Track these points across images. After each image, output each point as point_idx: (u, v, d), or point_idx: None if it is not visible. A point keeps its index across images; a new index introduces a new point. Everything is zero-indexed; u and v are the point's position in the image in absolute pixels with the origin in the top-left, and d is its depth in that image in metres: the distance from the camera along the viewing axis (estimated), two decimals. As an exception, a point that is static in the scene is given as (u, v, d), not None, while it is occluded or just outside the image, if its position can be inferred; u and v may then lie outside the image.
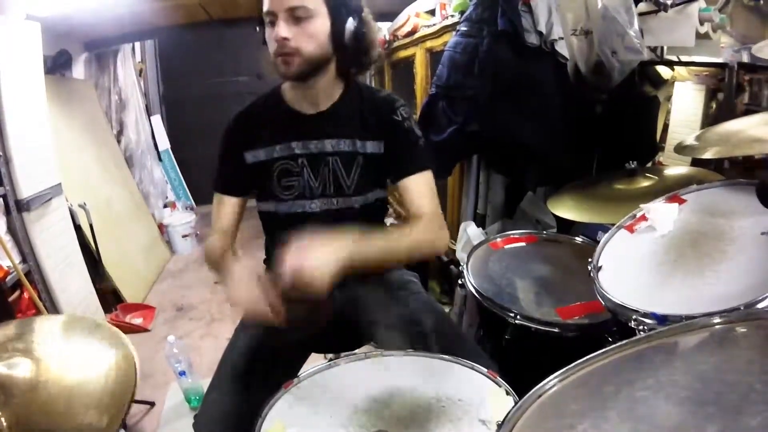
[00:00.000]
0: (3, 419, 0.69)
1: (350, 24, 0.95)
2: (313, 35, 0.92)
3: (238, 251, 1.07)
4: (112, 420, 0.73)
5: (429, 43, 2.25)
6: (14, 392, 0.75)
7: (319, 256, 0.77)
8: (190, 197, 4.43)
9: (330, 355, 1.21)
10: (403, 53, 2.67)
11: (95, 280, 2.42)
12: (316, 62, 0.95)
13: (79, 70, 3.24)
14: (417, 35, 2.38)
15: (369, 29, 1.00)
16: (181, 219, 3.81)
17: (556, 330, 1.08)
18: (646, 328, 0.76)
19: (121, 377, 0.80)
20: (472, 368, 0.85)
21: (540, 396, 0.56)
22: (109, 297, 2.65)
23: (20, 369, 0.79)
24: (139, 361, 0.84)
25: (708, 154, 1.04)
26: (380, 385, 0.83)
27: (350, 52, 0.98)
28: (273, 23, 0.92)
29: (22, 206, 1.87)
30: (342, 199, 1.06)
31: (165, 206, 4.01)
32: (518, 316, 1.10)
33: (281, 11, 0.90)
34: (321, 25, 0.93)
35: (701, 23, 1.40)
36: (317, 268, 0.76)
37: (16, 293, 1.84)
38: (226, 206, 1.09)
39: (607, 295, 0.87)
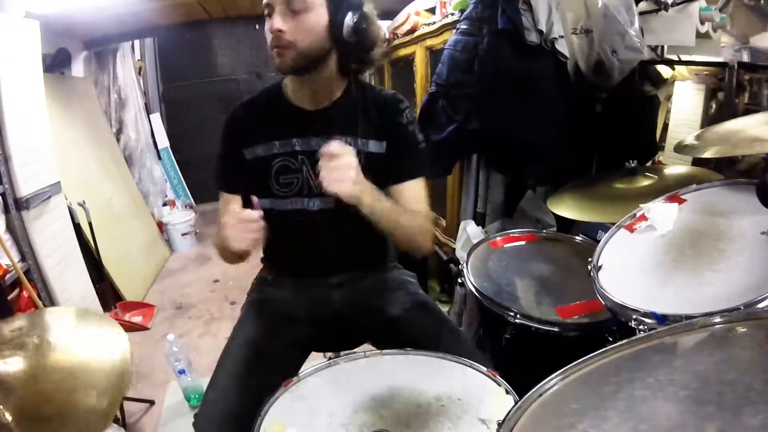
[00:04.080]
0: (8, 414, 0.70)
1: (349, 18, 0.92)
2: (310, 28, 0.91)
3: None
4: (112, 402, 0.76)
5: (429, 42, 2.25)
6: (15, 386, 0.76)
7: (354, 173, 0.88)
8: (190, 195, 4.42)
9: (330, 354, 1.21)
10: (403, 51, 2.66)
11: (94, 278, 2.42)
12: (312, 56, 0.93)
13: (78, 69, 3.24)
14: (417, 33, 2.37)
15: (371, 25, 0.97)
16: (180, 217, 3.80)
17: (556, 329, 1.07)
18: (646, 327, 0.76)
19: (117, 363, 0.82)
20: (472, 367, 0.85)
21: (540, 395, 0.56)
22: (109, 295, 2.65)
23: (20, 364, 0.81)
24: (132, 349, 0.87)
25: (708, 154, 1.04)
26: (380, 385, 0.83)
27: (351, 47, 0.96)
28: (269, 15, 0.91)
29: (21, 205, 1.87)
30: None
31: (164, 204, 4.01)
32: (518, 315, 1.10)
33: (277, 3, 0.89)
34: (318, 17, 0.91)
35: (702, 22, 1.40)
36: (351, 167, 0.87)
37: (15, 291, 1.84)
38: (232, 204, 1.06)
39: (607, 295, 0.87)
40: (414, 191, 1.04)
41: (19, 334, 0.89)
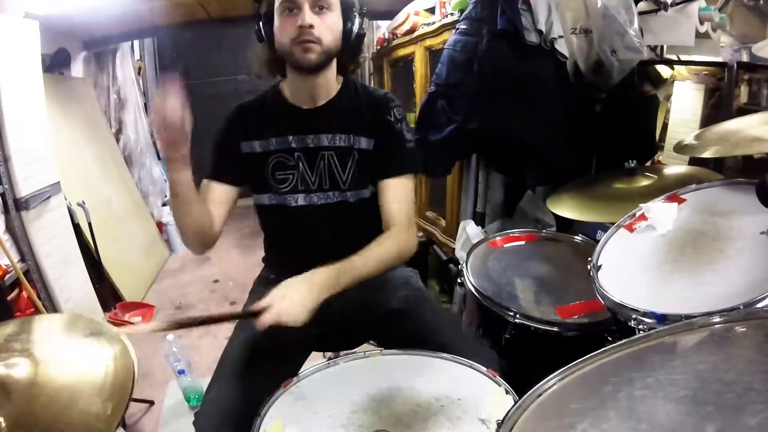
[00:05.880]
0: (2, 420, 0.70)
1: (357, 24, 1.00)
2: (332, 27, 0.97)
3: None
4: (116, 408, 0.74)
5: (428, 42, 2.24)
6: (12, 391, 0.75)
7: (297, 300, 0.84)
8: (189, 196, 4.41)
9: (329, 354, 1.21)
10: (402, 51, 2.66)
11: (94, 278, 2.42)
12: (331, 54, 0.99)
13: (77, 69, 3.23)
14: (416, 33, 2.37)
15: (366, 30, 1.06)
16: (180, 218, 3.79)
17: (555, 329, 1.08)
18: (645, 327, 0.76)
19: (120, 368, 0.81)
20: (472, 367, 0.85)
21: (540, 395, 0.56)
22: (108, 296, 2.64)
23: (18, 368, 0.80)
24: (135, 353, 0.85)
25: (707, 153, 1.04)
26: (380, 385, 0.83)
27: (351, 49, 1.03)
28: (291, 10, 0.94)
29: (21, 205, 1.87)
30: (338, 193, 1.07)
31: (164, 205, 4.00)
32: (518, 315, 1.10)
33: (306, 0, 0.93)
34: (338, 18, 0.98)
35: (701, 22, 1.41)
36: (295, 312, 0.83)
37: (15, 292, 1.84)
38: (213, 193, 1.07)
39: (607, 294, 0.87)
40: (396, 189, 1.05)
41: (20, 339, 0.88)
